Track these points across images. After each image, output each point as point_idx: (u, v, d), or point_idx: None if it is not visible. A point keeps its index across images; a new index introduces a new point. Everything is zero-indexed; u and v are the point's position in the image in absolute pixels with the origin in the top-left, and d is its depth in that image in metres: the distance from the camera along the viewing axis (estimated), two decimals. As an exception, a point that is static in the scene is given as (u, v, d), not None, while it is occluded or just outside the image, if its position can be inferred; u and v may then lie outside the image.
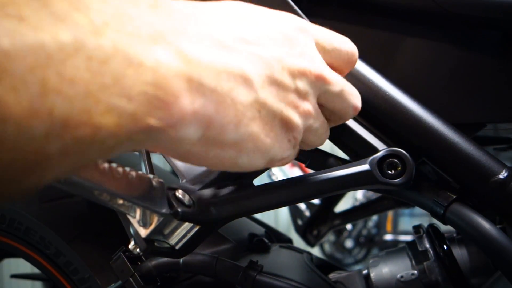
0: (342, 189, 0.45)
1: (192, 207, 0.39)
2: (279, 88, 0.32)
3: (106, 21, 0.22)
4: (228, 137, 0.29)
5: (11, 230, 0.66)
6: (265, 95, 0.30)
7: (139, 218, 0.36)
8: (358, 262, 2.93)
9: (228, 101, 0.27)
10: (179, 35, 0.25)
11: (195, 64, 0.25)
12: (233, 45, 0.29)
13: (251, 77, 0.29)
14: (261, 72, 0.30)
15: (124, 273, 0.57)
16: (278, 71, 0.31)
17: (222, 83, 0.27)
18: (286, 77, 0.32)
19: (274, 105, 0.31)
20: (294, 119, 0.33)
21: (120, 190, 0.31)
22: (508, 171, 0.45)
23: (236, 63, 0.28)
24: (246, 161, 0.31)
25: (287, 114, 0.32)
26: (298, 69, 0.33)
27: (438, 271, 0.54)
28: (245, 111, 0.29)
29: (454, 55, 0.52)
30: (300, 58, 0.33)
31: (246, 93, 0.29)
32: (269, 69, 0.31)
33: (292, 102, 0.33)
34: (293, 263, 0.63)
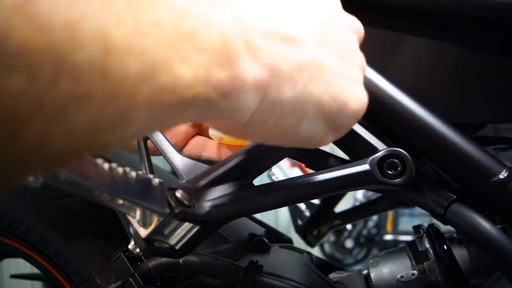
0: (342, 189, 0.45)
1: (192, 207, 0.39)
2: (332, 46, 0.32)
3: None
4: (287, 101, 0.28)
5: (11, 230, 0.66)
6: (321, 54, 0.30)
7: (139, 218, 0.36)
8: (358, 262, 2.93)
9: (282, 62, 0.27)
10: (233, 1, 0.27)
11: (249, 28, 0.26)
12: (275, 10, 0.29)
13: (302, 38, 0.29)
14: (309, 33, 0.30)
15: (124, 273, 0.57)
16: (323, 30, 0.31)
17: (275, 46, 0.27)
18: (334, 34, 0.32)
19: (333, 63, 0.31)
20: (357, 73, 0.33)
21: (120, 190, 0.31)
22: (508, 171, 0.45)
23: (285, 27, 0.28)
24: (308, 129, 0.31)
25: (349, 69, 0.32)
26: (343, 24, 0.34)
27: (438, 271, 0.54)
28: (301, 71, 0.29)
29: (454, 55, 0.52)
30: (340, 15, 0.34)
31: (300, 53, 0.29)
32: (316, 29, 0.31)
33: (348, 56, 0.33)
34: (293, 263, 0.63)
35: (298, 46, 0.29)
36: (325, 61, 0.31)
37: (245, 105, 0.26)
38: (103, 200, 0.31)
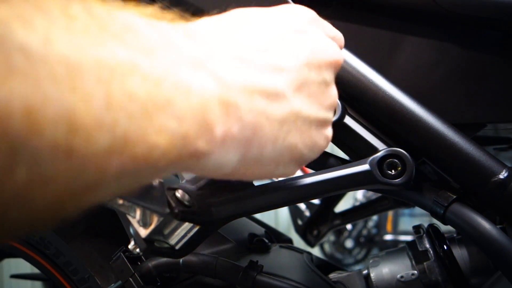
0: (342, 189, 0.45)
1: (192, 207, 0.39)
2: (309, 89, 0.32)
3: (154, 46, 0.22)
4: (266, 155, 0.29)
5: (11, 230, 0.65)
6: (298, 103, 0.31)
7: (139, 218, 0.36)
8: (358, 262, 2.93)
9: (264, 120, 0.28)
10: (213, 60, 0.26)
11: (230, 88, 0.26)
12: (255, 59, 0.29)
13: (282, 89, 0.29)
14: (289, 81, 0.30)
15: (124, 273, 0.57)
16: (304, 73, 0.31)
17: (256, 103, 0.27)
18: (313, 75, 0.32)
19: (308, 110, 0.32)
20: (328, 115, 0.34)
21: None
22: (508, 171, 0.45)
23: (265, 80, 0.28)
24: (282, 171, 0.32)
25: (321, 113, 0.33)
26: (322, 61, 0.33)
27: (438, 271, 0.54)
28: (281, 126, 0.29)
29: (454, 55, 0.52)
30: (320, 50, 0.34)
31: (280, 107, 0.29)
32: (296, 74, 0.31)
33: (322, 97, 0.33)
34: (293, 263, 0.63)
35: (280, 99, 0.29)
36: (302, 109, 0.31)
37: (224, 163, 0.26)
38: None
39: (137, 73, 0.20)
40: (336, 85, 0.50)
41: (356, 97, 0.49)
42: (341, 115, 0.47)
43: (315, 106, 0.32)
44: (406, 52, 0.53)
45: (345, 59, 0.50)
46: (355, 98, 0.49)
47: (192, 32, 0.27)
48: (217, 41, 0.28)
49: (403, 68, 0.53)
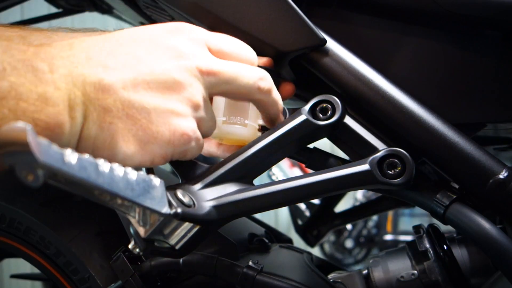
0: (342, 189, 0.45)
1: (192, 207, 0.39)
2: (148, 85, 0.37)
3: (4, 67, 0.31)
4: (97, 137, 0.36)
5: (11, 230, 0.65)
6: (130, 95, 0.36)
7: (139, 218, 0.36)
8: (358, 262, 2.92)
9: (91, 107, 0.35)
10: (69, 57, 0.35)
11: (78, 83, 0.34)
12: (95, 59, 0.36)
13: (108, 83, 0.35)
14: (119, 78, 0.36)
15: (124, 273, 0.57)
16: (142, 72, 0.37)
17: (88, 93, 0.35)
18: (156, 74, 0.37)
19: (146, 102, 0.36)
20: (175, 107, 0.38)
21: (120, 190, 0.31)
22: (508, 171, 0.45)
23: (94, 75, 0.35)
24: (123, 155, 0.37)
25: (164, 105, 0.37)
26: (170, 65, 0.38)
27: (438, 271, 0.54)
28: (106, 112, 0.35)
29: (454, 55, 0.52)
30: (174, 57, 0.39)
31: (104, 97, 0.35)
32: (129, 73, 0.36)
33: (168, 93, 0.38)
34: (293, 263, 0.63)
35: (105, 92, 0.35)
36: (133, 101, 0.36)
37: (72, 139, 0.35)
38: (103, 200, 0.31)
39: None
40: (336, 85, 0.50)
41: (356, 97, 0.49)
42: (341, 115, 0.47)
43: (157, 99, 0.37)
44: (406, 53, 0.53)
45: (345, 59, 0.50)
46: (355, 98, 0.49)
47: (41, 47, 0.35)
48: (76, 47, 0.36)
49: (403, 68, 0.53)
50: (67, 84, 0.34)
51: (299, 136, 0.47)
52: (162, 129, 0.37)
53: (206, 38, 0.42)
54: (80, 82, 0.34)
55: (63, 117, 0.33)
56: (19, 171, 0.25)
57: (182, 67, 0.39)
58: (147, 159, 0.38)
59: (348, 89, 0.49)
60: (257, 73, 0.44)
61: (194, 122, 0.40)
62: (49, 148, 0.26)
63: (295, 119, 0.47)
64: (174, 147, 0.38)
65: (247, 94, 0.44)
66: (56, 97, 0.33)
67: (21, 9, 1.82)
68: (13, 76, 0.31)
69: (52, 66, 0.33)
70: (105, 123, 0.35)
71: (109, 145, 0.36)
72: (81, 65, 0.35)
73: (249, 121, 0.50)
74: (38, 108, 0.32)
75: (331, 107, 0.48)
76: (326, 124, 0.47)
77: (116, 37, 0.39)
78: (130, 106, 0.36)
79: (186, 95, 0.39)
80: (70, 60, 0.35)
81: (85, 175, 0.28)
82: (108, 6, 0.93)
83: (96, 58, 0.36)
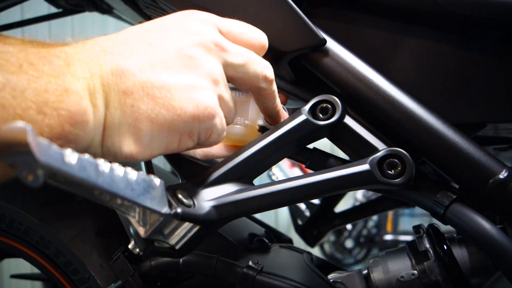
0: (342, 189, 0.45)
1: (192, 207, 0.39)
2: (165, 64, 0.37)
3: (21, 63, 0.31)
4: (122, 122, 0.35)
5: (11, 230, 0.65)
6: (148, 77, 0.36)
7: (139, 218, 0.36)
8: (358, 262, 2.92)
9: (111, 92, 0.35)
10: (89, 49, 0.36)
11: (95, 76, 0.34)
12: (111, 49, 0.36)
13: (125, 68, 0.35)
14: (135, 61, 0.36)
15: (124, 273, 0.57)
16: (156, 52, 0.37)
17: (107, 80, 0.35)
18: (170, 53, 0.37)
19: (164, 80, 0.36)
20: (194, 81, 0.38)
21: (120, 190, 0.31)
22: (508, 171, 0.45)
23: (111, 61, 0.35)
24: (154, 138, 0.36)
25: (184, 81, 0.37)
26: (184, 41, 0.38)
27: (438, 271, 0.54)
28: (126, 96, 0.35)
29: (454, 55, 0.52)
30: (187, 35, 0.39)
31: (123, 81, 0.35)
32: (144, 55, 0.37)
33: (186, 69, 0.38)
34: (293, 263, 0.63)
35: (124, 75, 0.35)
36: (153, 81, 0.36)
37: (97, 125, 0.35)
38: (103, 200, 0.31)
39: (7, 88, 0.30)
40: (336, 85, 0.50)
41: (356, 97, 0.49)
42: (341, 115, 0.47)
43: (176, 75, 0.37)
44: (406, 52, 0.53)
45: (345, 59, 0.50)
46: (355, 98, 0.49)
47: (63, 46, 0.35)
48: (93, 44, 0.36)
49: (403, 68, 0.53)
50: (85, 74, 0.34)
51: (299, 136, 0.47)
52: (185, 104, 0.37)
53: (216, 21, 0.42)
54: (97, 71, 0.35)
55: (85, 104, 0.33)
56: (19, 171, 0.25)
57: (196, 43, 0.39)
58: (174, 139, 0.37)
59: (348, 89, 0.49)
60: (262, 60, 0.44)
61: (215, 96, 0.39)
62: (49, 148, 0.26)
63: (295, 119, 0.47)
64: (200, 123, 0.38)
65: (253, 80, 0.44)
66: (75, 86, 0.33)
67: (21, 9, 1.82)
68: (31, 70, 0.31)
69: (68, 61, 0.34)
70: (127, 107, 0.35)
71: (134, 129, 0.36)
72: (96, 57, 0.35)
73: (249, 122, 0.50)
74: (60, 98, 0.32)
75: (331, 107, 0.48)
76: (326, 124, 0.47)
77: (127, 31, 0.39)
78: (150, 86, 0.36)
79: (204, 70, 0.39)
80: (85, 55, 0.35)
81: (85, 175, 0.28)
82: (108, 6, 0.93)
83: (110, 49, 0.36)
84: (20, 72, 0.31)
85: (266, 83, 0.44)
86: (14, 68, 0.31)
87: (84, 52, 0.35)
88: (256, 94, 0.46)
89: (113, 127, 0.35)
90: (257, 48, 0.44)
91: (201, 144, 0.41)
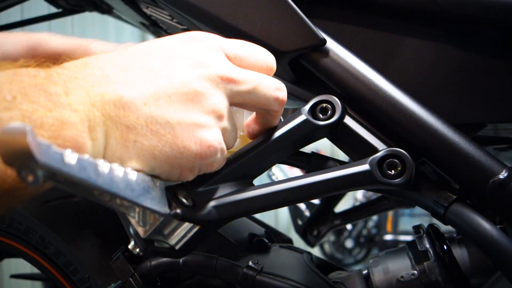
0: (342, 189, 0.45)
1: (192, 207, 0.39)
2: (170, 98, 0.36)
3: (14, 95, 0.29)
4: (122, 155, 0.34)
5: (11, 230, 0.65)
6: (152, 110, 0.35)
7: (139, 218, 0.36)
8: (358, 262, 2.93)
9: (112, 125, 0.33)
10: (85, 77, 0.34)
11: (96, 107, 0.33)
12: (111, 75, 0.34)
13: (129, 100, 0.34)
14: (139, 93, 0.34)
15: (124, 273, 0.57)
16: (161, 85, 0.36)
17: (107, 111, 0.33)
18: (176, 88, 0.36)
19: (168, 116, 0.35)
20: (200, 120, 0.37)
21: (120, 190, 0.31)
22: (508, 171, 0.45)
23: (113, 91, 0.33)
24: (157, 172, 0.35)
25: (188, 119, 0.36)
26: (191, 76, 0.37)
27: (438, 271, 0.54)
28: (129, 130, 0.34)
29: (455, 55, 0.52)
30: (193, 66, 0.38)
31: (126, 114, 0.34)
32: (149, 87, 0.35)
33: (191, 105, 0.37)
34: (293, 263, 0.63)
35: (126, 108, 0.34)
36: (157, 117, 0.35)
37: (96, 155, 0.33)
38: (103, 200, 0.31)
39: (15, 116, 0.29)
40: (336, 85, 0.50)
41: (356, 97, 0.49)
42: (341, 115, 0.47)
43: (178, 112, 0.36)
44: (406, 52, 0.53)
45: (345, 59, 0.50)
46: (355, 98, 0.49)
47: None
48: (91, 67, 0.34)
49: (403, 68, 0.53)
50: (85, 105, 0.32)
51: (299, 136, 0.47)
52: (188, 143, 0.36)
53: (222, 45, 0.41)
54: (99, 101, 0.33)
55: (82, 139, 0.31)
56: (19, 172, 0.25)
57: (202, 76, 0.38)
58: (175, 173, 0.37)
59: (348, 89, 0.49)
60: (275, 82, 0.43)
61: (219, 133, 0.38)
62: (48, 148, 0.26)
63: (295, 119, 0.47)
64: (202, 160, 0.37)
65: (265, 104, 0.42)
66: (73, 119, 0.31)
67: (21, 9, 1.82)
68: (25, 104, 0.29)
69: (66, 88, 0.32)
70: (130, 142, 0.34)
71: (136, 163, 0.34)
72: (98, 84, 0.33)
73: (243, 132, 0.50)
74: (55, 133, 0.30)
75: (331, 107, 0.48)
76: (326, 124, 0.47)
77: (130, 51, 0.37)
78: (153, 122, 0.35)
79: (209, 106, 0.37)
80: (86, 80, 0.33)
81: (85, 175, 0.28)
82: (108, 6, 0.93)
83: (113, 75, 0.34)
84: (13, 107, 0.29)
85: (278, 105, 0.43)
86: (6, 104, 0.29)
87: (85, 77, 0.33)
88: (264, 114, 0.45)
89: (113, 160, 0.34)
90: (265, 70, 0.43)
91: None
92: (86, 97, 0.32)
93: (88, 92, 0.33)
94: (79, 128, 0.31)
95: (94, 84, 0.33)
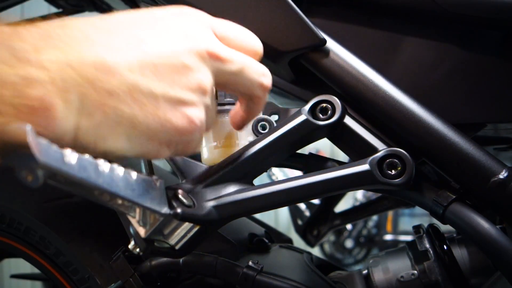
0: (342, 189, 0.45)
1: (192, 207, 0.39)
2: (156, 68, 0.34)
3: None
4: (101, 123, 0.32)
5: (11, 230, 0.65)
6: (136, 78, 0.33)
7: (139, 218, 0.36)
8: (358, 262, 2.92)
9: (90, 89, 0.31)
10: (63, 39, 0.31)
11: (71, 66, 0.30)
12: (98, 39, 0.32)
13: (112, 64, 0.32)
14: (125, 59, 0.33)
15: (124, 273, 0.57)
16: (150, 54, 0.34)
17: (86, 74, 0.31)
18: (164, 58, 0.35)
19: (152, 87, 0.34)
20: (186, 96, 0.36)
21: (120, 190, 0.31)
22: (508, 171, 0.45)
23: (95, 55, 0.31)
24: (130, 144, 0.34)
25: (173, 92, 0.35)
26: (180, 48, 0.36)
27: (438, 271, 0.54)
28: (110, 96, 0.32)
29: (454, 55, 0.52)
30: (182, 39, 0.36)
31: (109, 80, 0.32)
32: (136, 53, 0.33)
33: (178, 79, 0.36)
34: (293, 263, 0.63)
35: (109, 73, 0.32)
36: (140, 85, 0.33)
37: (65, 126, 0.30)
38: (103, 200, 0.31)
39: None
40: (336, 85, 0.50)
41: (356, 97, 0.49)
42: (341, 115, 0.47)
43: (165, 84, 0.35)
44: (406, 52, 0.53)
45: (345, 59, 0.50)
46: (355, 98, 0.49)
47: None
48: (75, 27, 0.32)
49: (403, 68, 0.53)
50: (58, 64, 0.29)
51: (299, 136, 0.47)
52: (170, 116, 0.35)
53: (212, 23, 0.40)
54: (77, 62, 0.30)
55: (51, 99, 0.29)
56: (19, 171, 0.25)
57: (191, 50, 0.37)
58: (152, 147, 0.35)
59: (348, 89, 0.49)
60: (261, 68, 0.42)
61: (202, 110, 0.38)
62: (49, 148, 0.26)
63: (295, 119, 0.47)
64: (181, 136, 0.36)
65: (249, 88, 0.42)
66: (42, 78, 0.29)
67: (21, 9, 1.81)
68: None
69: (37, 46, 0.29)
70: (110, 108, 0.32)
71: (114, 131, 0.33)
72: (77, 44, 0.31)
73: (241, 141, 0.50)
74: (19, 92, 0.28)
75: (331, 107, 0.48)
76: (326, 124, 0.47)
77: (115, 17, 0.36)
78: (137, 90, 0.33)
79: (195, 81, 0.37)
80: (61, 40, 0.30)
81: (85, 175, 0.28)
82: (108, 6, 0.93)
83: (95, 38, 0.32)
84: None
85: (261, 91, 0.43)
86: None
87: (61, 37, 0.31)
88: (247, 100, 0.44)
89: (90, 127, 0.32)
90: (251, 54, 0.42)
91: (175, 154, 0.39)
92: (61, 56, 0.30)
93: (63, 51, 0.30)
94: (47, 88, 0.29)
95: (72, 45, 0.31)
